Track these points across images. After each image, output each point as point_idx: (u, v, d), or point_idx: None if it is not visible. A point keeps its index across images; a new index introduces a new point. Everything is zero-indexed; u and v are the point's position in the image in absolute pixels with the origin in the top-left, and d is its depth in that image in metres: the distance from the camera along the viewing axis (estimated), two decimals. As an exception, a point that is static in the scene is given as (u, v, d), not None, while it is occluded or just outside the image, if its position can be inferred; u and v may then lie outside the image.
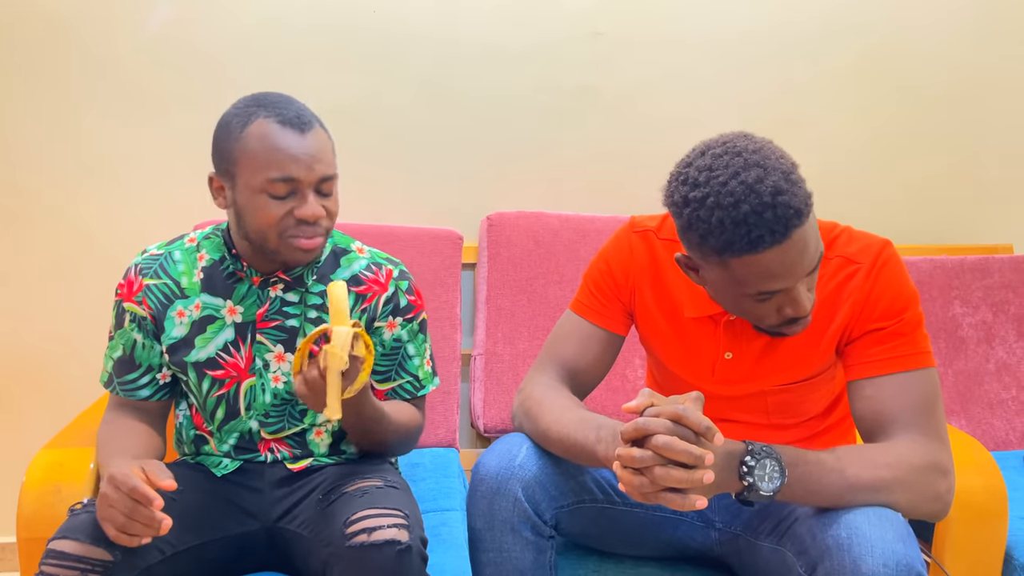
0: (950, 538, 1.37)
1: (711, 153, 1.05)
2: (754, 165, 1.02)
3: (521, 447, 1.22)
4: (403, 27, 1.88)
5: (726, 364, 1.24)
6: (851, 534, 1.01)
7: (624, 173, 2.01)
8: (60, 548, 1.05)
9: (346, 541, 1.07)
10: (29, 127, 1.82)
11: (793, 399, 1.26)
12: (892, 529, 1.02)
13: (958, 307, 1.95)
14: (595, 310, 1.31)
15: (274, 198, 1.16)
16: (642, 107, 1.98)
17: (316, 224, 1.18)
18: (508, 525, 1.17)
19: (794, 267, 1.04)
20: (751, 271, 1.04)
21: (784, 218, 1.00)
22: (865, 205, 2.07)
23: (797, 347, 1.21)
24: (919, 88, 2.06)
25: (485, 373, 1.81)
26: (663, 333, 1.29)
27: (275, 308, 1.27)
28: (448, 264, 1.84)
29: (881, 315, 1.15)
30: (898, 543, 1.00)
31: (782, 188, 1.00)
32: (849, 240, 1.20)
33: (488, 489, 1.19)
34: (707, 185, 1.03)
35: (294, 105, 1.19)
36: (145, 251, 1.31)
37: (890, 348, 1.14)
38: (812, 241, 1.05)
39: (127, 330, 1.28)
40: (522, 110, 1.95)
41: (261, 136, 1.15)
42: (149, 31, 1.82)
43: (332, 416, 1.08)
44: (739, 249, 1.02)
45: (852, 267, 1.17)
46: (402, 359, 1.33)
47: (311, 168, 1.16)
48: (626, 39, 1.94)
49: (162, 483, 1.04)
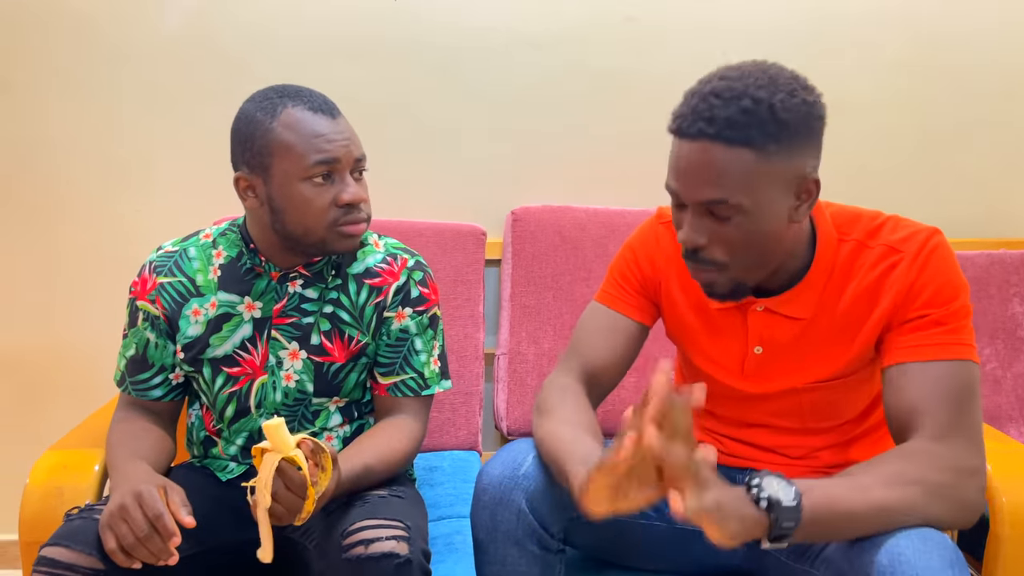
0: (1002, 557, 1.27)
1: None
2: (764, 74, 0.99)
3: (527, 454, 1.14)
4: (425, 15, 1.82)
5: (756, 359, 1.17)
6: (893, 560, 0.92)
7: (654, 164, 1.89)
8: (51, 555, 1.03)
9: (343, 553, 1.03)
10: (55, 126, 1.82)
11: (829, 398, 1.18)
12: (939, 555, 0.92)
13: (1017, 305, 1.82)
14: (620, 299, 1.26)
15: (316, 185, 1.15)
16: (674, 95, 1.88)
17: (360, 208, 1.19)
18: (512, 538, 1.11)
19: (681, 175, 1.02)
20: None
21: (703, 116, 0.98)
22: (917, 196, 1.96)
23: (831, 339, 1.13)
24: (973, 78, 1.93)
25: (509, 373, 1.75)
26: (690, 327, 1.22)
27: (293, 304, 1.24)
28: (471, 260, 1.78)
29: (924, 303, 1.05)
30: (946, 570, 0.91)
31: (739, 95, 0.97)
32: (894, 228, 1.11)
33: (490, 499, 1.12)
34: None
35: (316, 92, 1.19)
36: (160, 248, 1.29)
37: (929, 335, 1.04)
38: (716, 173, 0.98)
39: (140, 329, 1.26)
40: (548, 100, 1.88)
41: (295, 123, 1.13)
42: (169, 26, 1.80)
43: (264, 558, 1.01)
44: (670, 124, 1.04)
45: (895, 256, 1.08)
46: (408, 353, 1.28)
47: (348, 149, 1.17)
48: (658, 25, 1.86)
49: (183, 519, 1.02)
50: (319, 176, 1.15)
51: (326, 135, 1.15)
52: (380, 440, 1.22)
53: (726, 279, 1.07)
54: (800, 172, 1.01)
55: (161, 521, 1.00)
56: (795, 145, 0.99)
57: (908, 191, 1.96)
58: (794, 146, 0.99)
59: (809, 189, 1.03)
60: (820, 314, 1.13)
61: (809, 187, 1.03)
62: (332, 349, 1.24)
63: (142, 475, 1.08)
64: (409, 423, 1.27)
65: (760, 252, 1.05)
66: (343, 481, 1.10)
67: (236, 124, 1.18)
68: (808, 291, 1.12)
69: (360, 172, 1.20)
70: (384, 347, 1.27)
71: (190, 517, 1.03)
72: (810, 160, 1.02)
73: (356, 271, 1.27)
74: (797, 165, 1.00)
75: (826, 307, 1.12)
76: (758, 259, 1.06)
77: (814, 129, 1.01)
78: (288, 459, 1.00)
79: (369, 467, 1.16)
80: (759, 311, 1.14)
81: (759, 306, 1.14)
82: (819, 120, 1.02)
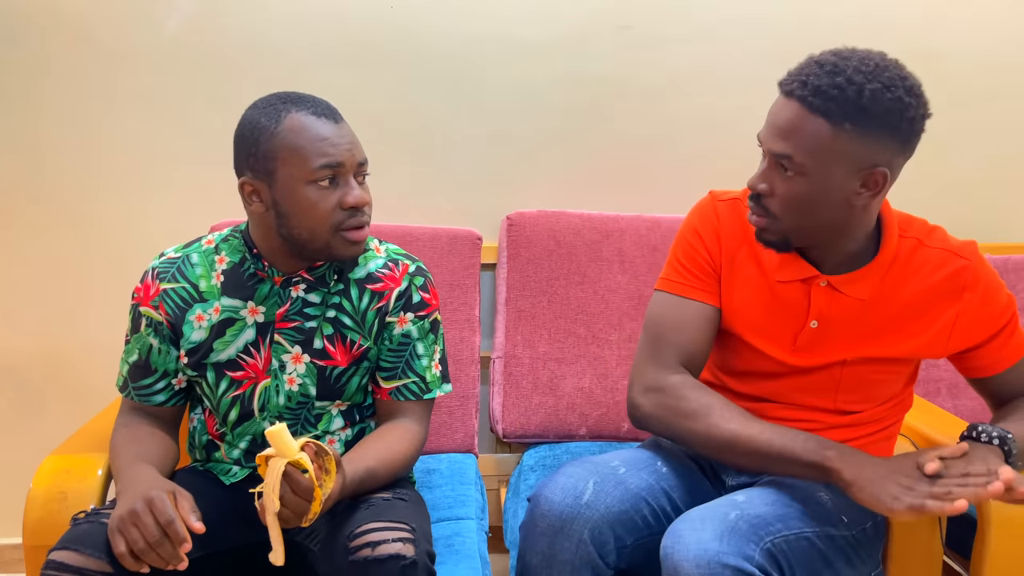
0: (988, 554, 1.30)
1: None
2: (873, 63, 1.07)
3: (587, 482, 1.16)
4: (422, 22, 1.84)
5: (810, 333, 1.22)
6: (674, 542, 1.05)
7: (650, 171, 1.95)
8: (60, 559, 1.03)
9: (349, 555, 1.04)
10: (53, 129, 1.82)
11: (870, 377, 1.24)
12: (711, 528, 1.05)
13: (1001, 309, 1.87)
14: (694, 286, 1.27)
15: (321, 188, 1.16)
16: (668, 103, 1.92)
17: (363, 212, 1.20)
18: (568, 567, 1.12)
19: (769, 123, 1.13)
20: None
21: (800, 78, 1.08)
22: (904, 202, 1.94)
23: (891, 323, 1.21)
24: (960, 85, 1.97)
25: (504, 376, 1.77)
26: (747, 301, 1.26)
27: (295, 308, 1.25)
28: (467, 265, 1.80)
29: (1000, 314, 1.22)
30: (713, 541, 1.03)
31: (838, 72, 1.06)
32: (945, 235, 1.23)
33: (549, 527, 1.13)
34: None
35: (318, 98, 1.21)
36: (162, 254, 1.30)
37: (1014, 342, 1.24)
38: (792, 131, 1.09)
39: (143, 335, 1.26)
40: (544, 106, 1.90)
41: (299, 128, 1.15)
42: (168, 29, 1.80)
43: (275, 561, 1.03)
44: (781, 78, 1.13)
45: (960, 261, 1.20)
46: (409, 357, 1.30)
47: (351, 152, 1.19)
48: (654, 33, 1.88)
49: (194, 525, 1.03)
50: (324, 180, 1.16)
51: (330, 139, 1.16)
52: (383, 443, 1.24)
53: (777, 228, 1.16)
54: (870, 160, 1.09)
55: (173, 527, 1.00)
56: (870, 132, 1.07)
57: (894, 196, 1.98)
58: (869, 133, 1.07)
59: (876, 180, 1.11)
60: (879, 298, 1.20)
61: (877, 178, 1.10)
62: (335, 353, 1.26)
63: (150, 480, 1.09)
64: (411, 426, 1.28)
65: (812, 218, 1.14)
66: (347, 483, 1.11)
67: (240, 130, 1.20)
68: (871, 276, 1.20)
69: (363, 176, 1.22)
70: (386, 351, 1.29)
71: (200, 523, 1.03)
72: (885, 154, 1.09)
73: (358, 276, 1.28)
74: (868, 152, 1.08)
75: (885, 293, 1.20)
76: (810, 224, 1.15)
77: (899, 128, 1.08)
78: (293, 463, 1.02)
79: (372, 470, 1.17)
80: (823, 286, 1.20)
81: (823, 281, 1.20)
82: (908, 121, 1.08)
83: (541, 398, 1.76)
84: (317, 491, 1.02)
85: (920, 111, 1.10)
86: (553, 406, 1.76)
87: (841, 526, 1.17)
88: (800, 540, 1.11)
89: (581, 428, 1.76)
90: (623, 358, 1.78)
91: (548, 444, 1.77)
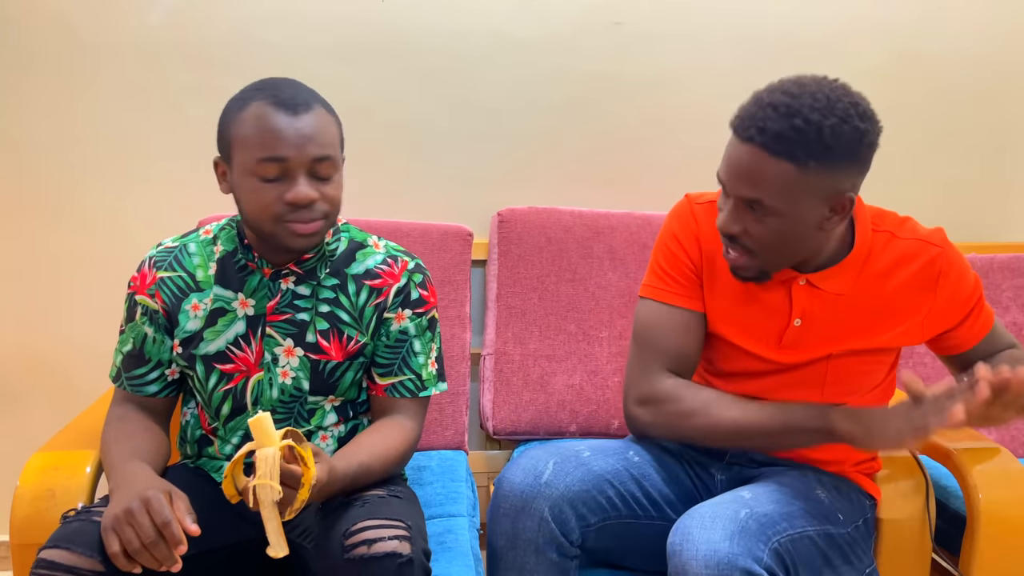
0: (977, 552, 1.32)
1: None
2: (824, 96, 1.07)
3: (547, 463, 1.18)
4: (413, 17, 1.82)
5: (795, 331, 1.24)
6: (683, 539, 1.06)
7: (641, 168, 1.95)
8: (50, 557, 1.01)
9: (345, 553, 1.03)
10: (35, 122, 1.79)
11: (855, 366, 1.27)
12: (721, 527, 1.05)
13: (986, 308, 1.89)
14: (676, 293, 1.30)
15: (265, 180, 1.14)
16: (660, 100, 1.92)
17: (311, 208, 1.15)
18: (532, 545, 1.14)
19: (731, 170, 1.12)
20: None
21: (757, 124, 1.07)
22: (891, 203, 1.99)
23: (873, 314, 1.23)
24: (946, 86, 1.99)
25: (495, 373, 1.76)
26: (730, 303, 1.28)
27: (286, 301, 1.24)
28: (458, 261, 1.79)
29: (969, 295, 1.26)
30: (724, 542, 1.03)
31: (793, 113, 1.05)
32: (915, 225, 1.26)
33: (512, 507, 1.15)
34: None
35: (294, 88, 1.17)
36: (160, 244, 1.29)
37: (982, 319, 1.29)
38: (758, 177, 1.09)
39: (138, 323, 1.25)
40: (535, 102, 1.89)
41: (255, 117, 1.13)
42: (153, 22, 1.77)
43: (276, 554, 1.01)
44: (732, 120, 1.13)
45: (933, 249, 1.23)
46: (406, 354, 1.29)
47: (302, 148, 1.13)
48: (646, 31, 1.88)
49: (189, 527, 1.01)
50: (269, 172, 1.13)
51: (279, 132, 1.12)
52: (376, 439, 1.23)
53: (753, 264, 1.18)
54: (837, 189, 1.10)
55: (169, 529, 0.99)
56: (836, 166, 1.08)
57: (882, 196, 1.99)
58: (834, 167, 1.08)
59: (844, 204, 1.12)
60: (857, 291, 1.23)
61: (844, 203, 1.12)
62: (328, 348, 1.25)
63: (146, 479, 1.07)
64: (406, 423, 1.27)
65: (787, 250, 1.17)
66: (340, 478, 1.10)
67: (221, 112, 1.20)
68: (847, 271, 1.22)
69: (319, 173, 1.15)
70: (383, 348, 1.28)
71: (195, 526, 1.02)
72: (849, 179, 1.11)
73: (355, 272, 1.27)
74: (835, 183, 1.09)
75: (863, 286, 1.23)
76: (785, 255, 1.18)
77: (860, 155, 1.10)
78: (282, 449, 1.01)
79: (365, 465, 1.17)
80: (802, 284, 1.22)
81: (801, 280, 1.22)
82: (868, 147, 1.10)
83: (531, 395, 1.75)
84: (307, 475, 1.02)
85: (875, 132, 1.11)
86: (543, 403, 1.75)
87: (838, 524, 1.19)
88: (803, 539, 1.13)
89: (571, 425, 1.76)
90: (614, 355, 1.79)
91: (538, 441, 1.77)
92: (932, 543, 1.35)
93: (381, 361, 1.28)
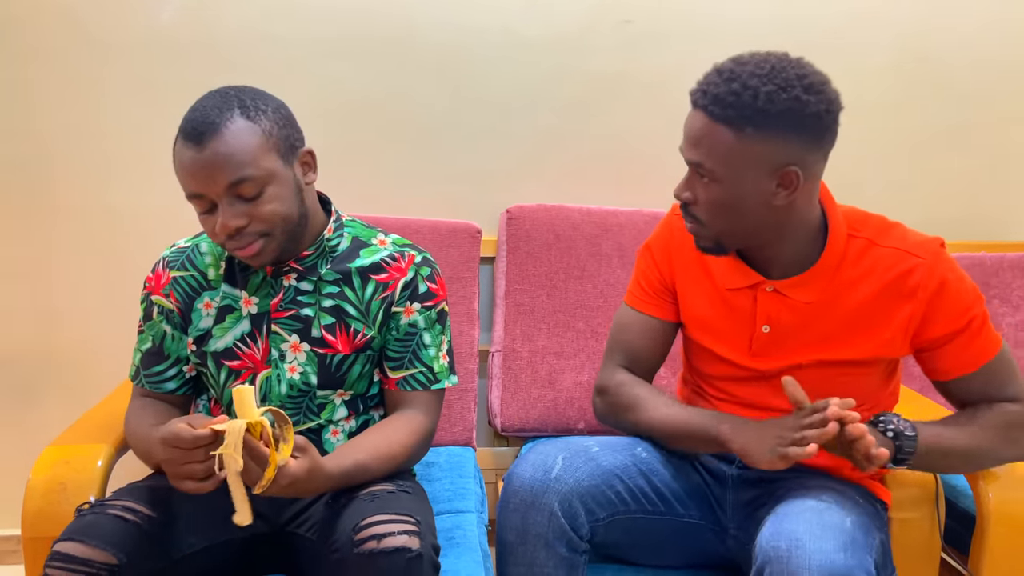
0: (986, 551, 1.31)
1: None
2: (769, 65, 1.07)
3: (557, 457, 1.18)
4: (422, 13, 1.83)
5: (763, 338, 1.23)
6: (791, 545, 1.02)
7: (649, 166, 1.95)
8: (65, 550, 1.03)
9: (355, 548, 1.04)
10: (49, 121, 1.80)
11: (831, 378, 1.22)
12: (834, 539, 1.02)
13: (997, 306, 1.88)
14: (646, 301, 1.34)
15: (202, 213, 1.16)
16: (669, 98, 1.90)
17: (242, 234, 1.14)
18: (542, 540, 1.14)
19: (684, 135, 1.14)
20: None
21: (702, 89, 1.10)
22: (901, 201, 2.00)
23: (844, 326, 1.20)
24: (956, 84, 1.98)
25: (503, 370, 1.77)
26: (702, 309, 1.29)
27: (289, 297, 1.25)
28: (466, 258, 1.79)
29: (957, 315, 1.17)
30: (838, 553, 1.01)
31: (734, 78, 1.07)
32: (904, 234, 1.20)
33: (522, 501, 1.15)
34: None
35: (204, 110, 1.13)
36: (174, 245, 1.32)
37: (976, 344, 1.19)
38: (701, 139, 1.11)
39: (156, 322, 1.28)
40: (544, 99, 1.89)
41: (176, 154, 1.15)
42: (163, 19, 1.78)
43: (241, 522, 1.02)
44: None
45: (913, 260, 1.17)
46: (416, 347, 1.29)
47: (212, 179, 1.11)
48: (655, 28, 1.88)
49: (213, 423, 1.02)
50: (198, 207, 1.15)
51: (188, 168, 1.12)
52: (378, 436, 1.22)
53: (707, 234, 1.18)
54: (779, 160, 1.08)
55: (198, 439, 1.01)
56: (773, 133, 1.07)
57: (890, 194, 2.00)
58: (771, 134, 1.07)
59: (791, 179, 1.10)
60: (827, 301, 1.19)
61: (791, 176, 1.10)
62: (334, 342, 1.25)
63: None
64: (417, 417, 1.27)
65: (738, 221, 1.15)
66: (327, 477, 1.09)
67: None
68: (816, 278, 1.19)
69: (242, 194, 1.12)
70: (393, 342, 1.28)
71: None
72: (793, 152, 1.08)
73: (361, 266, 1.28)
74: (775, 152, 1.08)
75: (834, 295, 1.19)
76: (738, 227, 1.16)
77: (802, 125, 1.07)
78: (252, 424, 1.01)
79: (361, 463, 1.16)
80: (768, 291, 1.21)
81: (768, 287, 1.21)
82: (811, 118, 1.07)
83: (540, 392, 1.75)
84: (273, 456, 1.01)
85: (823, 107, 1.07)
86: (552, 400, 1.76)
87: (881, 529, 1.20)
88: (880, 546, 1.14)
89: (579, 422, 1.76)
90: (622, 353, 1.79)
91: (546, 438, 1.77)
92: (941, 542, 1.34)
93: (392, 355, 1.29)
